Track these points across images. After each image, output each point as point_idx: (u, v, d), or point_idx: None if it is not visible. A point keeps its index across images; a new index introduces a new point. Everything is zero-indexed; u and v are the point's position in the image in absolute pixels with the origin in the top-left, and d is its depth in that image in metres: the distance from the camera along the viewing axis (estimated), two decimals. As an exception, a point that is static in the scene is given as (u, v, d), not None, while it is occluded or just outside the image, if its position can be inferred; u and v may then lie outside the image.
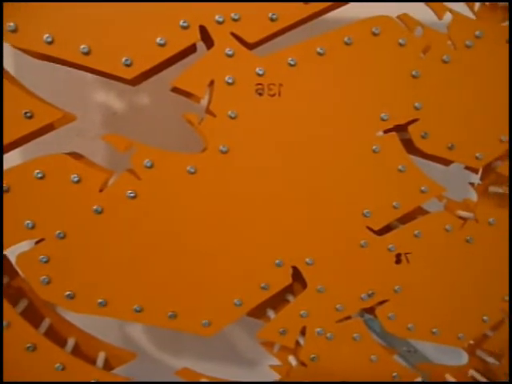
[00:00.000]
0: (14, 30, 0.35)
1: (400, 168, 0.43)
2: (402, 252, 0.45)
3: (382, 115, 0.42)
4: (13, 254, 0.39)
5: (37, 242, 0.39)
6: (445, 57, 0.42)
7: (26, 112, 0.36)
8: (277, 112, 0.40)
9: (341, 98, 0.41)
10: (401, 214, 0.44)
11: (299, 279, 0.45)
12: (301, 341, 0.46)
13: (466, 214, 0.46)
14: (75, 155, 0.40)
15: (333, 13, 0.42)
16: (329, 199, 0.43)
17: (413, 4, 0.45)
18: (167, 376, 0.50)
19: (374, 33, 0.40)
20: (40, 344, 0.40)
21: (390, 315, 0.46)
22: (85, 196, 0.39)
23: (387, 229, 0.45)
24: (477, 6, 0.44)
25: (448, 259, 0.46)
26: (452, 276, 0.47)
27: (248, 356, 0.69)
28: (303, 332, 0.45)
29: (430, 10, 0.43)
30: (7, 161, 0.38)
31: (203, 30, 0.38)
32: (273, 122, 0.40)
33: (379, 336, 0.59)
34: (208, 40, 0.39)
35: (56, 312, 0.45)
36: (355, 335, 0.46)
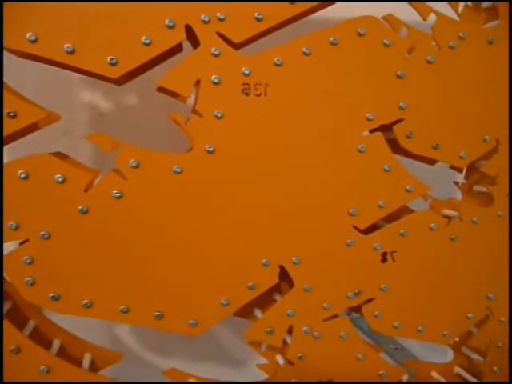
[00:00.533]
0: (-3, 29, 0.35)
1: (385, 167, 0.43)
2: (388, 251, 0.45)
3: (368, 115, 0.42)
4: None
5: (21, 243, 0.39)
6: (429, 57, 0.42)
7: (10, 112, 0.36)
8: (263, 112, 0.40)
9: (326, 98, 0.41)
10: (386, 213, 0.44)
11: (286, 278, 0.45)
12: (288, 340, 0.46)
13: (451, 213, 0.46)
14: (60, 155, 0.40)
15: (319, 13, 0.42)
16: (315, 199, 0.43)
17: (398, 5, 0.45)
18: (155, 376, 0.50)
19: (360, 33, 0.41)
20: (24, 346, 0.40)
21: (377, 314, 0.47)
22: (70, 196, 0.38)
23: (373, 228, 0.45)
24: (460, 8, 0.45)
25: (433, 258, 0.47)
26: (437, 274, 0.47)
27: (236, 355, 0.69)
28: (290, 331, 0.46)
29: (415, 11, 0.43)
30: (-10, 161, 0.37)
31: (189, 30, 0.38)
32: (259, 122, 0.40)
33: (366, 334, 0.60)
34: (194, 39, 0.39)
35: (41, 313, 0.44)
36: (342, 334, 0.46)
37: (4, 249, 0.38)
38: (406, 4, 0.43)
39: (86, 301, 0.40)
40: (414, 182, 0.44)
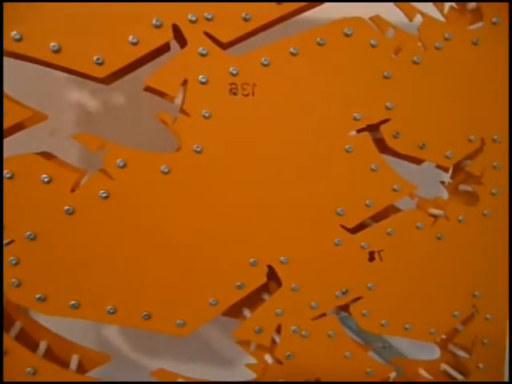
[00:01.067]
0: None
1: (373, 167, 0.44)
2: (375, 250, 0.46)
3: (355, 115, 0.42)
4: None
5: (6, 244, 0.38)
6: (415, 58, 0.43)
7: (-5, 111, 0.35)
8: (251, 112, 0.40)
9: (314, 98, 0.41)
10: (374, 212, 0.45)
11: (274, 278, 0.45)
12: (276, 339, 0.46)
13: (437, 212, 0.47)
14: (46, 155, 0.39)
15: (306, 13, 0.42)
16: (303, 198, 0.43)
17: (385, 6, 0.46)
18: (143, 377, 0.50)
19: (347, 34, 0.41)
20: (10, 348, 0.39)
21: (364, 312, 0.47)
22: (56, 196, 0.38)
23: (361, 227, 0.45)
24: (446, 9, 0.46)
25: (420, 256, 0.47)
26: (424, 272, 0.48)
27: (224, 355, 0.69)
28: (279, 330, 0.46)
29: (402, 12, 0.44)
30: (-25, 161, 0.37)
31: (176, 29, 0.38)
32: (247, 122, 0.40)
33: (355, 333, 0.60)
34: (181, 39, 0.39)
35: (27, 315, 0.44)
36: (330, 332, 0.47)
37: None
38: (393, 5, 0.44)
39: (73, 302, 0.40)
40: (401, 182, 0.45)
